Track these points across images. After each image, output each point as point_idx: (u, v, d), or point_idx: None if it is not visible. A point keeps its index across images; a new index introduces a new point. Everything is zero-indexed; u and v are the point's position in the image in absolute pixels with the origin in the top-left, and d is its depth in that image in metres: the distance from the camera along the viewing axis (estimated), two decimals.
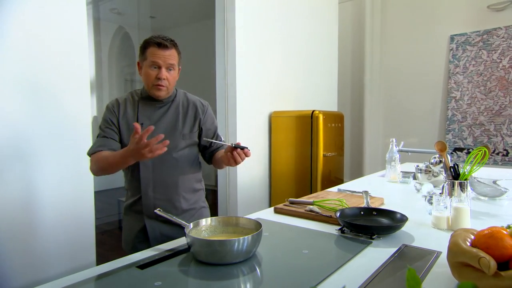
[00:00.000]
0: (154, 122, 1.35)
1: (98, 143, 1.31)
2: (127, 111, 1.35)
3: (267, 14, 3.07)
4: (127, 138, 1.32)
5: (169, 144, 1.25)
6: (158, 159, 1.32)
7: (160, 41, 1.28)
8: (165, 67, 1.29)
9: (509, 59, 3.70)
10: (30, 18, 1.59)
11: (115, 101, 1.39)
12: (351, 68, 4.82)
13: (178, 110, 1.41)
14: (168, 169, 1.37)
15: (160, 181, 1.36)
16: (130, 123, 1.33)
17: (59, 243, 1.69)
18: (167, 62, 1.29)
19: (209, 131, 1.48)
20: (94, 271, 0.92)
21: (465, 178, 1.32)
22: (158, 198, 1.36)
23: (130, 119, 1.34)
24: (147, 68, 1.30)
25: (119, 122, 1.34)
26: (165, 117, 1.38)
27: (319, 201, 1.47)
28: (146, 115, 1.35)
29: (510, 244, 0.70)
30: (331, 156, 3.05)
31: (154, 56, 1.28)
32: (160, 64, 1.28)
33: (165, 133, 1.31)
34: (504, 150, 3.76)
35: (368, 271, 0.88)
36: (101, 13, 5.50)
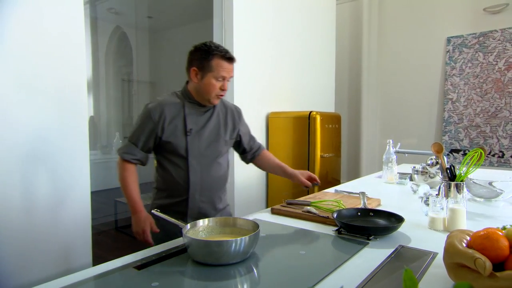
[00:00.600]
0: (201, 128, 1.41)
1: (127, 149, 1.38)
2: (174, 115, 1.37)
3: (265, 15, 3.07)
4: (174, 139, 1.37)
5: (214, 150, 1.45)
6: (205, 165, 1.42)
7: (229, 55, 1.36)
8: (227, 79, 1.38)
9: (504, 62, 3.73)
10: (27, 18, 1.58)
11: (159, 105, 1.37)
12: (348, 69, 4.84)
13: (219, 117, 1.48)
14: (214, 173, 1.45)
15: (206, 185, 1.44)
16: (178, 126, 1.37)
17: (55, 244, 1.68)
18: (230, 74, 1.38)
19: (245, 135, 1.59)
20: (91, 272, 0.92)
21: (461, 180, 1.32)
22: (203, 201, 1.44)
23: (177, 123, 1.37)
24: (212, 79, 1.34)
25: (163, 127, 1.35)
26: (210, 123, 1.44)
27: (316, 202, 1.48)
28: (193, 120, 1.40)
29: (505, 245, 0.71)
30: (328, 157, 3.06)
31: (222, 70, 1.33)
32: (226, 77, 1.36)
33: (210, 140, 1.44)
34: (499, 152, 3.78)
35: (365, 272, 0.89)
36: (98, 13, 5.48)
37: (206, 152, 1.42)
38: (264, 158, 1.66)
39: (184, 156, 1.38)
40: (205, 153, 1.41)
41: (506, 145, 3.74)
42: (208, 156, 1.42)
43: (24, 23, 1.57)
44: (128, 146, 1.38)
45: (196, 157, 1.39)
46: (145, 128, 1.35)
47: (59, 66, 1.69)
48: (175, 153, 1.38)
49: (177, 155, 1.38)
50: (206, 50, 1.33)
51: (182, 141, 1.37)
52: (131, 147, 1.37)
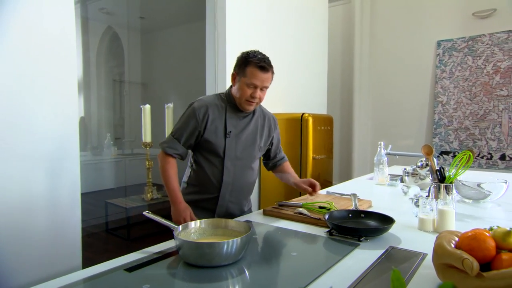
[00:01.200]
0: (239, 131, 1.48)
1: (169, 143, 1.44)
2: (216, 116, 1.44)
3: (257, 17, 3.08)
4: (214, 140, 1.43)
5: (249, 155, 1.52)
6: (239, 168, 1.49)
7: (263, 64, 1.38)
8: (260, 88, 1.40)
9: (493, 66, 3.80)
10: (17, 18, 1.56)
11: (204, 105, 1.43)
12: (340, 71, 4.88)
13: (257, 123, 1.54)
14: (246, 177, 1.52)
15: (237, 187, 1.50)
16: (219, 128, 1.44)
17: (44, 246, 1.65)
18: (263, 84, 1.40)
19: (275, 144, 1.68)
20: (81, 274, 0.91)
21: (451, 181, 1.34)
22: (232, 201, 1.51)
23: (218, 124, 1.44)
24: (244, 85, 1.39)
25: (206, 126, 1.42)
26: (248, 128, 1.50)
27: (308, 204, 1.48)
28: (233, 123, 1.46)
29: (492, 245, 0.72)
30: (321, 159, 3.07)
31: (254, 78, 1.37)
32: (258, 85, 1.39)
33: (246, 144, 1.50)
34: (488, 154, 3.85)
35: (355, 273, 0.90)
36: (89, 13, 5.43)
37: (241, 155, 1.48)
38: (282, 170, 1.72)
39: (221, 156, 1.44)
40: (240, 156, 1.48)
41: (494, 147, 3.81)
42: (242, 159, 1.49)
43: (14, 23, 1.55)
44: (171, 140, 1.43)
45: (231, 159, 1.46)
46: (189, 126, 1.41)
47: (49, 66, 1.67)
48: (213, 152, 1.44)
49: (214, 155, 1.45)
50: (245, 57, 1.40)
51: (221, 142, 1.43)
52: (174, 142, 1.43)
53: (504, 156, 3.76)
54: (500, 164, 3.79)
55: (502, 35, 3.73)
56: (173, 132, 1.46)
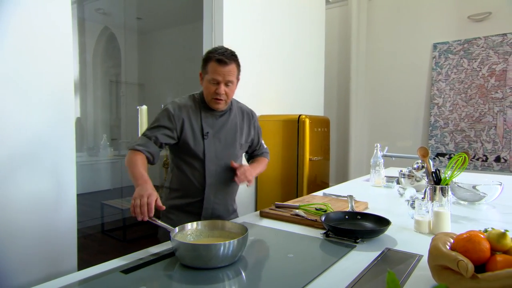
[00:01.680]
0: (217, 131, 1.42)
1: (141, 141, 1.35)
2: (191, 118, 1.39)
3: (254, 18, 3.09)
4: (193, 142, 1.38)
5: (231, 154, 1.46)
6: (221, 168, 1.43)
7: (221, 57, 1.30)
8: (224, 83, 1.33)
9: (488, 68, 3.83)
10: (13, 18, 1.55)
11: (178, 107, 1.38)
12: (337, 73, 4.90)
13: (236, 120, 1.48)
14: (230, 177, 1.44)
15: (221, 188, 1.45)
16: (196, 129, 1.38)
17: (39, 248, 1.64)
18: (225, 78, 1.32)
19: (255, 139, 1.60)
20: (76, 276, 0.90)
21: (446, 183, 1.35)
22: (217, 203, 1.46)
23: (195, 126, 1.39)
24: (207, 83, 1.34)
25: (183, 128, 1.37)
26: (226, 127, 1.45)
27: (305, 205, 1.49)
28: (209, 123, 1.41)
29: (487, 247, 0.73)
30: (317, 161, 3.08)
31: (214, 73, 1.31)
32: (219, 80, 1.31)
33: (227, 144, 1.45)
34: (483, 156, 3.87)
35: (352, 275, 0.90)
36: (86, 13, 5.42)
37: (222, 155, 1.43)
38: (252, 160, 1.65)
39: (202, 158, 1.40)
40: (221, 156, 1.43)
41: (490, 149, 3.84)
42: (224, 159, 1.43)
43: (9, 24, 1.54)
44: (141, 139, 1.36)
45: (212, 160, 1.41)
46: (162, 128, 1.35)
47: (45, 66, 1.66)
48: (193, 155, 1.39)
49: (194, 158, 1.40)
50: (207, 53, 1.35)
51: (199, 144, 1.39)
52: (145, 140, 1.35)
53: (499, 158, 3.79)
54: (495, 166, 3.81)
55: (497, 38, 3.76)
56: (144, 133, 1.38)
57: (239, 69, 1.39)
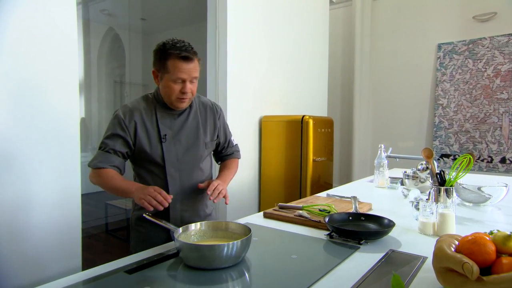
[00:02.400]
0: (176, 132, 1.31)
1: (100, 158, 1.25)
2: (145, 121, 1.28)
3: (259, 19, 3.09)
4: (149, 147, 1.27)
5: (194, 155, 1.34)
6: (185, 172, 1.32)
7: (185, 54, 1.20)
8: (189, 81, 1.24)
9: (493, 69, 3.80)
10: (18, 18, 1.56)
11: (128, 111, 1.28)
12: (341, 74, 4.88)
13: (197, 117, 1.37)
14: (195, 180, 1.35)
15: (188, 193, 1.35)
16: (151, 133, 1.28)
17: (44, 247, 1.66)
18: (191, 75, 1.23)
19: (221, 137, 1.49)
20: (81, 276, 0.91)
21: (451, 185, 1.34)
22: (185, 210, 1.35)
23: (150, 129, 1.28)
24: (170, 82, 1.22)
25: (136, 133, 1.26)
26: (186, 126, 1.33)
27: (308, 206, 1.48)
28: (167, 125, 1.30)
29: (492, 250, 0.72)
30: (321, 161, 3.07)
31: (179, 72, 1.20)
32: (185, 78, 1.22)
33: (189, 144, 1.33)
34: (488, 157, 3.84)
35: (355, 276, 0.90)
36: (91, 14, 5.45)
37: (185, 158, 1.32)
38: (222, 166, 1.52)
39: (161, 164, 1.29)
40: (184, 159, 1.32)
41: (495, 150, 3.81)
42: (187, 163, 1.33)
43: (15, 24, 1.56)
44: (101, 155, 1.25)
45: (174, 164, 1.30)
46: (115, 136, 1.25)
47: (50, 67, 1.68)
48: (151, 161, 1.29)
49: (153, 164, 1.29)
50: (162, 49, 1.22)
51: (157, 149, 1.28)
52: (105, 155, 1.24)
53: (505, 159, 3.76)
54: (500, 167, 3.78)
55: (503, 39, 3.73)
56: (100, 146, 1.26)
57: (199, 63, 1.29)
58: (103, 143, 1.27)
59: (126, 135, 1.26)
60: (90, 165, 1.25)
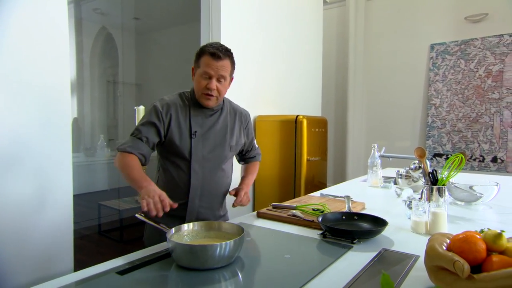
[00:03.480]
0: (206, 131, 1.37)
1: (130, 143, 1.29)
2: (179, 116, 1.34)
3: (252, 18, 3.09)
4: (179, 141, 1.33)
5: (219, 155, 1.41)
6: (208, 169, 1.38)
7: (214, 51, 1.26)
8: (216, 78, 1.28)
9: (484, 69, 3.84)
10: (9, 17, 1.54)
11: (166, 104, 1.34)
12: (335, 73, 4.90)
13: (227, 120, 1.43)
14: (217, 179, 1.40)
15: (207, 190, 1.39)
16: (183, 128, 1.33)
17: (35, 248, 1.64)
18: (218, 73, 1.28)
19: (247, 142, 1.56)
20: (72, 278, 0.90)
21: (443, 184, 1.35)
22: (202, 206, 1.40)
23: (182, 124, 1.34)
24: (199, 77, 1.29)
25: (169, 126, 1.32)
26: (216, 127, 1.39)
27: (302, 206, 1.48)
28: (198, 122, 1.36)
29: (483, 248, 0.73)
30: (315, 161, 3.08)
31: (207, 66, 1.27)
32: (212, 74, 1.27)
33: (215, 144, 1.39)
34: (480, 156, 3.89)
35: (348, 275, 0.90)
36: (83, 13, 5.40)
37: (210, 156, 1.37)
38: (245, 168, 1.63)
39: (188, 159, 1.34)
40: (209, 157, 1.37)
41: (486, 149, 3.85)
42: (211, 161, 1.38)
43: (5, 22, 1.53)
44: (132, 141, 1.29)
45: (199, 160, 1.35)
46: (150, 125, 1.31)
47: (42, 66, 1.66)
48: (178, 155, 1.35)
49: (180, 157, 1.35)
50: (201, 48, 1.31)
51: (186, 143, 1.33)
52: (136, 141, 1.29)
53: (496, 158, 3.80)
54: (492, 167, 3.83)
55: (494, 39, 3.77)
56: (133, 133, 1.32)
57: (233, 66, 1.35)
58: (137, 129, 1.31)
59: (160, 126, 1.31)
60: (120, 148, 1.29)
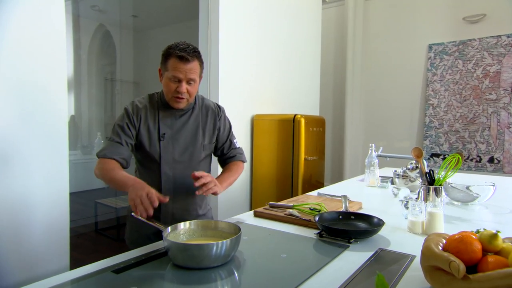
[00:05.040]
0: (176, 132, 1.35)
1: (110, 149, 1.27)
2: (148, 118, 1.33)
3: (251, 17, 3.08)
4: (148, 144, 1.32)
5: (190, 156, 1.38)
6: (179, 171, 1.35)
7: (182, 54, 1.23)
8: (185, 81, 1.26)
9: (482, 70, 3.85)
10: (6, 14, 1.53)
11: (135, 106, 1.33)
12: (333, 73, 4.90)
13: (198, 119, 1.40)
14: (190, 181, 1.31)
15: (180, 192, 1.37)
16: (152, 131, 1.32)
17: (31, 246, 1.63)
18: (187, 76, 1.25)
19: (222, 137, 1.48)
20: (68, 276, 0.89)
21: (440, 184, 1.36)
22: (177, 207, 1.38)
23: (151, 127, 1.33)
24: (168, 80, 1.27)
25: (139, 129, 1.31)
26: (186, 128, 1.37)
27: (299, 205, 1.48)
28: (167, 124, 1.34)
29: (478, 248, 0.73)
30: (312, 160, 3.08)
31: (175, 70, 1.24)
32: (181, 78, 1.25)
33: (186, 145, 1.36)
34: (477, 157, 3.90)
35: (345, 275, 0.90)
36: (81, 10, 5.37)
37: (181, 159, 1.35)
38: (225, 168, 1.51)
39: (157, 161, 1.33)
40: (180, 159, 1.35)
41: (483, 150, 3.87)
42: (182, 163, 1.36)
43: (1, 19, 1.52)
44: (110, 145, 1.28)
45: (169, 163, 1.34)
46: (124, 127, 1.30)
47: (39, 63, 1.65)
48: (149, 158, 1.33)
49: (151, 160, 1.34)
50: (166, 49, 1.27)
51: (155, 146, 1.32)
52: (114, 146, 1.27)
53: (493, 159, 3.82)
54: (488, 167, 3.84)
55: (492, 40, 3.78)
56: (111, 138, 1.30)
57: (202, 67, 1.32)
58: (112, 135, 1.30)
59: (132, 128, 1.31)
60: (100, 155, 1.27)
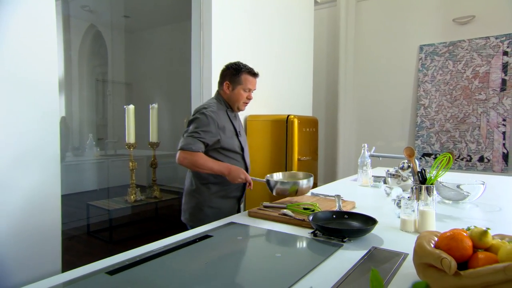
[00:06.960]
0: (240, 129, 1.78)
1: (198, 144, 1.56)
2: (224, 120, 1.67)
3: (243, 18, 3.08)
4: (225, 141, 1.65)
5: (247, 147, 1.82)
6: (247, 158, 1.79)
7: (254, 72, 1.74)
8: (252, 90, 1.75)
9: (472, 70, 3.91)
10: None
11: (215, 111, 1.64)
12: (325, 73, 4.93)
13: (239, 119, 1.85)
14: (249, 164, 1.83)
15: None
16: (227, 131, 1.67)
17: (22, 249, 1.61)
18: (255, 87, 1.76)
19: None
20: (60, 278, 0.88)
21: (431, 183, 1.37)
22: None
23: (227, 127, 1.68)
24: (241, 90, 1.71)
25: (222, 130, 1.64)
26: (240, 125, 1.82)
27: (293, 205, 1.49)
28: (235, 123, 1.75)
29: (469, 245, 0.74)
30: (306, 160, 3.09)
31: (249, 83, 1.72)
32: (252, 89, 1.74)
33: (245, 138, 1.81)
34: (467, 156, 3.96)
35: (338, 273, 0.91)
36: (71, 10, 5.31)
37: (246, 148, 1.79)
38: None
39: (240, 153, 1.72)
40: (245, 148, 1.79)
41: (473, 149, 3.93)
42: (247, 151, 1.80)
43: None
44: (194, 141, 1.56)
45: (246, 152, 1.76)
46: (209, 130, 1.59)
47: (29, 64, 1.63)
48: (232, 150, 1.68)
49: (234, 152, 1.69)
50: (236, 68, 1.70)
51: (236, 141, 1.70)
52: (198, 142, 1.56)
53: (483, 158, 3.88)
54: (478, 166, 3.90)
55: (481, 41, 3.85)
56: (194, 135, 1.56)
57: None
58: (197, 132, 1.58)
59: (216, 130, 1.62)
60: (185, 148, 1.55)
